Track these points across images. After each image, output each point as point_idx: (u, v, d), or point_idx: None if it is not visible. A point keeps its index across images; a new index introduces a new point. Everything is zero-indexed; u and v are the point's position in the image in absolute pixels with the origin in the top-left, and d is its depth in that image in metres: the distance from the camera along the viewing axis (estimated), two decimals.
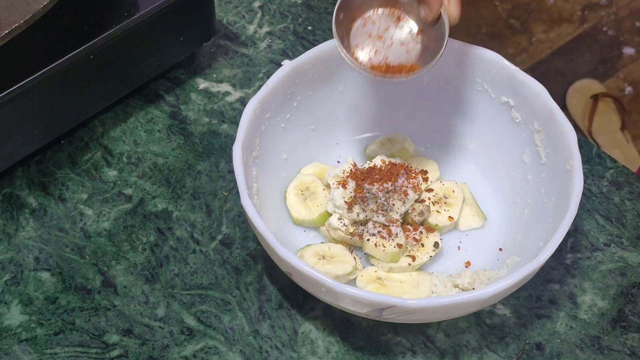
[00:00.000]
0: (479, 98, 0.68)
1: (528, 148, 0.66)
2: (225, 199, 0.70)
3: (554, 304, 0.65)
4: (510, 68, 0.65)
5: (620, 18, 1.81)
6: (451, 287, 0.63)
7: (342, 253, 0.64)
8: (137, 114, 0.75)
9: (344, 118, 0.71)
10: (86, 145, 0.73)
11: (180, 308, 0.64)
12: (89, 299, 0.64)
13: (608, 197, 0.71)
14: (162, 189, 0.70)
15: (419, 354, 0.62)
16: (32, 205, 0.69)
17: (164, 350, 0.62)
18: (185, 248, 0.67)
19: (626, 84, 1.71)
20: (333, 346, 0.62)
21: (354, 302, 0.56)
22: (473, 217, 0.68)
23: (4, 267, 0.65)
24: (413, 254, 0.64)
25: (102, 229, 0.68)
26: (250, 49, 0.80)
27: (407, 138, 0.71)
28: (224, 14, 0.82)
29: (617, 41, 1.77)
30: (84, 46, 0.65)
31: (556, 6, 1.83)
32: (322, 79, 0.68)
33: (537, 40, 1.77)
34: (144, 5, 0.68)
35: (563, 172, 0.61)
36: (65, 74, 0.65)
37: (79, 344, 0.62)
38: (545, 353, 0.62)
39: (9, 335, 0.62)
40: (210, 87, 0.77)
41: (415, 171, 0.67)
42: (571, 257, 0.67)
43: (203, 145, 0.73)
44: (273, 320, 0.63)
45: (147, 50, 0.71)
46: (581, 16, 1.81)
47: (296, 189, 0.68)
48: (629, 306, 0.65)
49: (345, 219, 0.64)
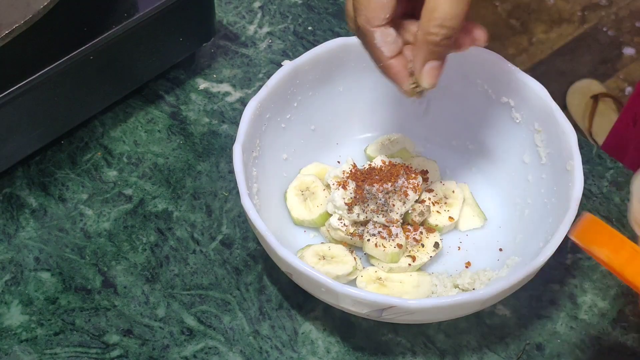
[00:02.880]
0: (479, 98, 0.68)
1: (528, 148, 0.66)
2: (225, 199, 0.70)
3: (554, 305, 0.65)
4: (511, 68, 0.65)
5: (620, 18, 1.81)
6: (451, 288, 0.63)
7: (342, 253, 0.64)
8: (137, 114, 0.75)
9: (344, 118, 0.71)
10: (86, 145, 0.73)
11: (180, 308, 0.64)
12: (89, 299, 0.64)
13: (608, 198, 0.71)
14: (163, 189, 0.70)
15: (419, 355, 0.62)
16: (32, 205, 0.69)
17: (164, 351, 0.62)
18: (186, 248, 0.67)
19: (626, 84, 1.71)
20: (333, 346, 0.62)
21: (354, 303, 0.56)
22: (473, 218, 0.68)
23: (4, 268, 0.65)
24: (413, 254, 0.64)
25: (102, 229, 0.68)
26: (251, 49, 0.80)
27: (407, 138, 0.71)
28: (224, 14, 0.82)
29: (617, 41, 1.77)
30: (84, 46, 0.65)
31: (556, 6, 1.83)
32: (322, 79, 0.68)
33: (538, 41, 1.77)
34: (143, 6, 0.68)
35: (563, 172, 0.61)
36: (65, 74, 0.65)
37: (79, 344, 0.62)
38: (545, 353, 0.62)
39: (9, 335, 0.62)
40: (210, 87, 0.77)
41: (415, 171, 0.67)
42: (571, 257, 0.67)
43: (203, 146, 0.73)
44: (273, 321, 0.63)
45: (147, 50, 0.71)
46: (581, 16, 1.81)
47: (296, 189, 0.68)
48: (629, 306, 0.65)
49: (345, 219, 0.64)
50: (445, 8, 0.50)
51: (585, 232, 0.50)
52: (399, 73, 0.54)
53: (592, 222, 0.49)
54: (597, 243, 0.49)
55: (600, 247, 0.48)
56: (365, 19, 0.51)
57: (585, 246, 0.50)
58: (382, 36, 0.52)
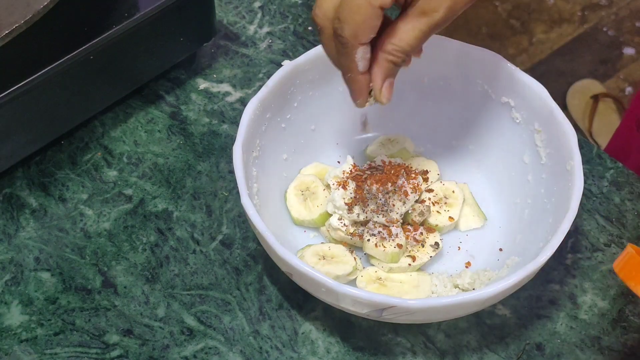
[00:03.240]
0: (479, 98, 0.68)
1: (528, 148, 0.66)
2: (225, 199, 0.70)
3: (554, 305, 0.65)
4: (511, 68, 0.65)
5: (620, 18, 1.81)
6: (451, 288, 0.63)
7: (342, 253, 0.64)
8: (137, 114, 0.75)
9: (344, 118, 0.71)
10: (86, 145, 0.73)
11: (180, 308, 0.64)
12: (89, 299, 0.64)
13: (608, 198, 0.71)
14: (163, 189, 0.70)
15: (419, 355, 0.62)
16: (33, 205, 0.69)
17: (164, 351, 0.62)
18: (186, 248, 0.67)
19: (626, 84, 1.71)
20: (333, 346, 0.62)
21: (354, 303, 0.56)
22: (473, 218, 0.68)
23: (4, 268, 0.65)
24: (413, 254, 0.64)
25: (102, 229, 0.68)
26: (251, 49, 0.80)
27: (407, 138, 0.71)
28: (224, 14, 0.82)
29: (618, 41, 1.77)
30: (84, 46, 0.65)
31: (556, 6, 1.83)
32: (322, 79, 0.68)
33: (538, 41, 1.77)
34: (144, 6, 0.68)
35: (563, 172, 0.61)
36: (65, 74, 0.65)
37: (79, 344, 0.62)
38: (545, 353, 0.62)
39: (9, 335, 0.62)
40: (210, 87, 0.77)
41: (415, 171, 0.67)
42: (571, 257, 0.67)
43: (203, 146, 0.73)
44: (273, 321, 0.63)
45: (147, 50, 0.71)
46: (581, 16, 1.81)
47: (296, 189, 0.68)
48: (629, 306, 0.65)
49: (345, 219, 0.64)
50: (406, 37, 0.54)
51: (625, 266, 0.52)
52: (363, 88, 0.57)
53: (631, 257, 0.52)
54: (634, 279, 0.51)
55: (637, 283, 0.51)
56: (353, 33, 0.53)
57: (623, 280, 0.52)
58: (362, 53, 0.55)
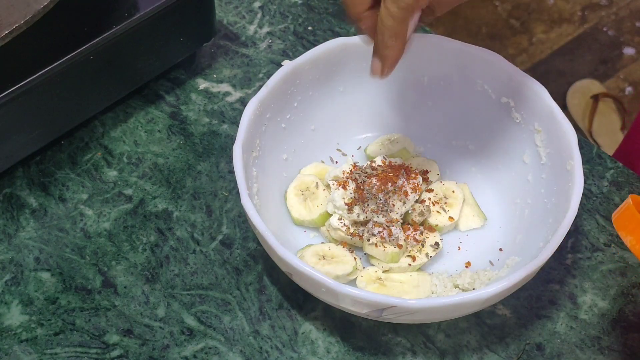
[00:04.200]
0: (479, 98, 0.68)
1: (528, 148, 0.66)
2: (225, 199, 0.70)
3: (554, 304, 0.65)
4: (511, 68, 0.65)
5: (620, 18, 1.81)
6: (451, 288, 0.63)
7: (342, 253, 0.64)
8: (137, 114, 0.75)
9: (344, 118, 0.71)
10: (86, 145, 0.73)
11: (180, 308, 0.64)
12: (89, 299, 0.64)
13: (608, 198, 0.71)
14: (163, 189, 0.70)
15: (419, 354, 0.62)
16: (33, 205, 0.69)
17: (164, 351, 0.62)
18: (186, 248, 0.67)
19: (626, 84, 1.71)
20: (333, 346, 0.62)
21: (354, 303, 0.56)
22: (473, 218, 0.68)
23: (4, 267, 0.65)
24: (413, 254, 0.64)
25: (102, 229, 0.68)
26: (251, 49, 0.80)
27: (407, 138, 0.71)
28: (224, 14, 0.82)
29: (618, 41, 1.77)
30: (84, 46, 0.65)
31: (556, 6, 1.83)
32: (322, 79, 0.68)
33: (537, 41, 1.77)
34: (144, 6, 0.68)
35: (563, 172, 0.61)
36: (65, 74, 0.65)
37: (79, 344, 0.62)
38: (545, 353, 0.62)
39: (9, 335, 0.62)
40: (210, 87, 0.77)
41: (415, 171, 0.67)
42: (571, 257, 0.67)
43: (203, 146, 0.73)
44: (273, 321, 0.63)
45: (147, 50, 0.71)
46: (581, 16, 1.81)
47: (296, 189, 0.68)
48: (629, 306, 0.65)
49: (345, 219, 0.64)
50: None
51: (622, 216, 0.53)
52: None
53: (627, 208, 0.52)
54: (625, 229, 0.52)
55: (627, 233, 0.51)
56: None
57: (617, 229, 0.53)
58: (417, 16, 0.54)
